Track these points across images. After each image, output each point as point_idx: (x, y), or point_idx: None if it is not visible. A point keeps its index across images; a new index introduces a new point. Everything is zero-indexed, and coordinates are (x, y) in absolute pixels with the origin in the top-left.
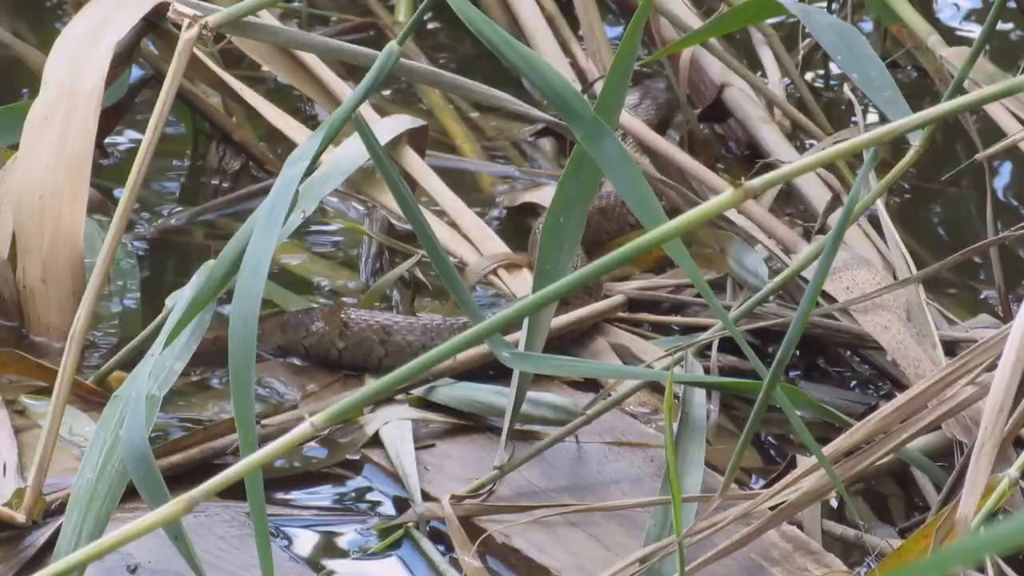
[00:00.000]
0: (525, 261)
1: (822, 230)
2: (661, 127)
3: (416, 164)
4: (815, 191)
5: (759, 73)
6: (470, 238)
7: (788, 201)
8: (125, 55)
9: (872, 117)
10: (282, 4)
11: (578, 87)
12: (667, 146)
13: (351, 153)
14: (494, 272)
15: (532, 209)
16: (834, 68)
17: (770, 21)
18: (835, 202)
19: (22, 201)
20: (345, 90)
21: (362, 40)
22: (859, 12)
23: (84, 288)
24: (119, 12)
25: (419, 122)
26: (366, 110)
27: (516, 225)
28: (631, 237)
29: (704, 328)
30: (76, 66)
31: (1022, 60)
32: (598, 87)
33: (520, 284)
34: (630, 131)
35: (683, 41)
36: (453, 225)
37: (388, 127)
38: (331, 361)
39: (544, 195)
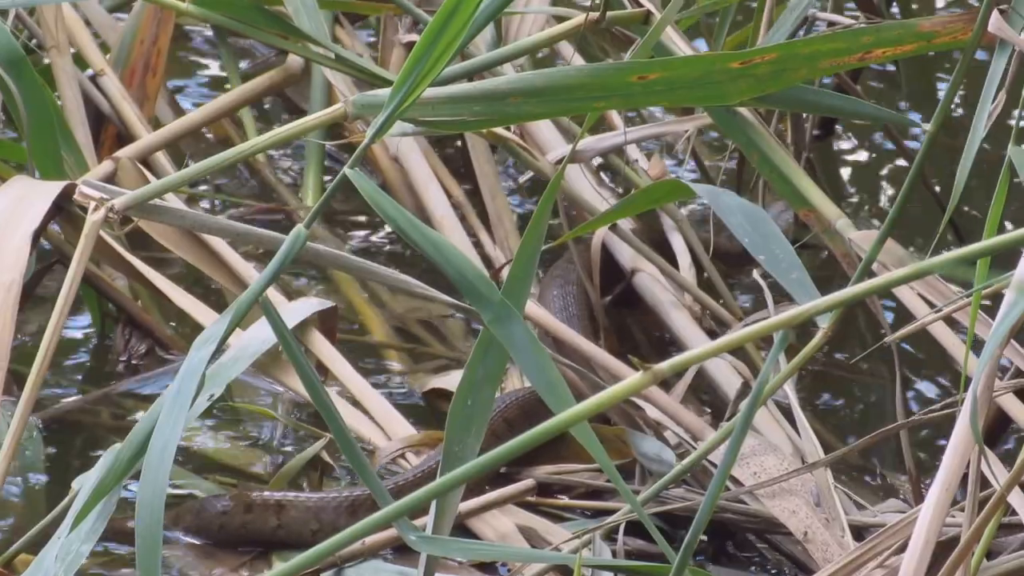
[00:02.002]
0: (432, 443)
1: (733, 416)
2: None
3: (324, 348)
4: (726, 378)
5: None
6: (378, 421)
7: (698, 388)
8: (33, 240)
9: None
10: (187, 190)
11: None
12: (572, 334)
13: (259, 336)
14: (402, 455)
15: (442, 392)
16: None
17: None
18: (745, 388)
19: None
20: (252, 273)
21: (270, 224)
22: (770, 194)
23: None
24: (30, 197)
25: (327, 304)
26: (273, 293)
27: (426, 407)
28: None
29: (611, 511)
30: None
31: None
32: (505, 273)
33: None
34: (534, 319)
35: (590, 224)
36: (360, 407)
37: (296, 310)
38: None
39: (452, 380)
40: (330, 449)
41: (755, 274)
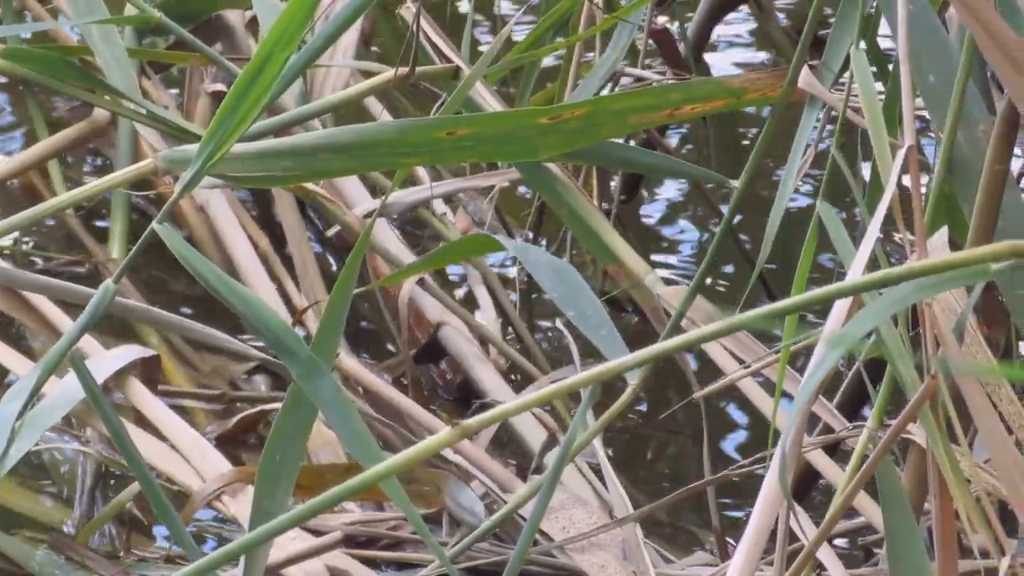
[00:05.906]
0: (247, 478)
1: (538, 469)
2: None
3: (140, 395)
4: (531, 430)
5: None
6: (191, 460)
7: (503, 440)
8: None
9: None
10: None
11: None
12: (383, 385)
13: (74, 386)
14: (218, 497)
15: (237, 440)
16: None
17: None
18: (551, 441)
19: None
20: (66, 321)
21: (77, 276)
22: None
23: None
24: None
25: (149, 352)
26: (91, 342)
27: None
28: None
29: (419, 564)
30: None
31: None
32: (309, 318)
33: (246, 505)
34: (347, 371)
35: (396, 275)
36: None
37: (114, 359)
38: None
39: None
40: (143, 501)
41: (558, 322)
